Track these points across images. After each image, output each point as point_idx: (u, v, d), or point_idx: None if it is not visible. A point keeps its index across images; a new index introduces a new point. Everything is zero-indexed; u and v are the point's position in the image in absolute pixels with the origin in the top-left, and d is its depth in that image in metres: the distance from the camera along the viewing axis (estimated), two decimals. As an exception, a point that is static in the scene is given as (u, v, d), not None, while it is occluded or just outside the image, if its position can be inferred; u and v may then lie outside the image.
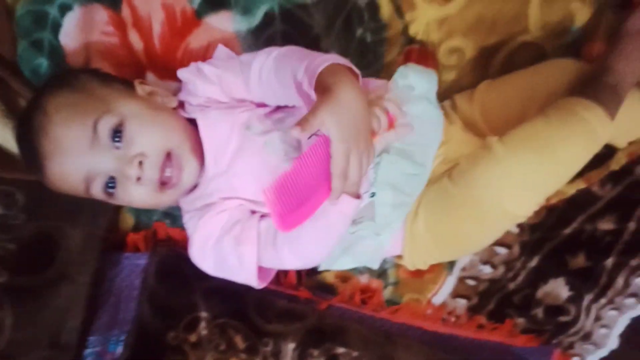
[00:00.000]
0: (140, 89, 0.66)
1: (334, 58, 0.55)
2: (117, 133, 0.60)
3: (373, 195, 0.65)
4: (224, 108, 0.67)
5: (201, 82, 0.67)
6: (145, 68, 0.74)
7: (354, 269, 0.85)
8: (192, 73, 0.68)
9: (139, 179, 0.60)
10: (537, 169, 0.59)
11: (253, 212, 0.65)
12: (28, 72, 0.72)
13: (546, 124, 0.60)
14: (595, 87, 0.62)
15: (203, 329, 0.75)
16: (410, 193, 0.66)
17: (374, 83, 0.70)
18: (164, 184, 0.62)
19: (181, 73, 0.69)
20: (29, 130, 0.62)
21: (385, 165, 0.63)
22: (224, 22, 0.72)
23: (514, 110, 0.70)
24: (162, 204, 0.67)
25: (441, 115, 0.69)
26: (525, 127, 0.61)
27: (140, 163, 0.60)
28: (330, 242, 0.61)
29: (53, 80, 0.66)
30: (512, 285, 0.87)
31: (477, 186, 0.60)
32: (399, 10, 0.73)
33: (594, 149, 0.62)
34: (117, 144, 0.60)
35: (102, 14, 0.72)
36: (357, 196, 0.55)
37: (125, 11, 0.72)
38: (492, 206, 0.61)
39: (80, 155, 0.60)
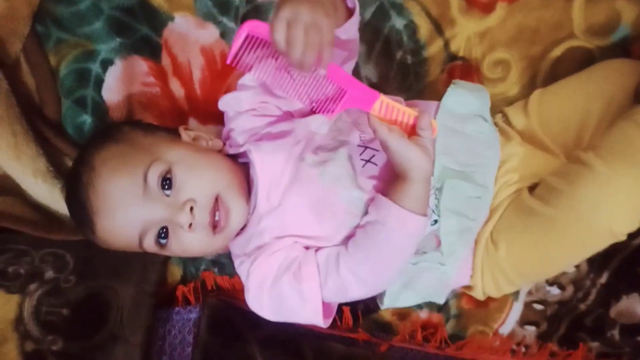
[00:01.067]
0: (185, 134, 0.66)
1: None
2: (165, 181, 0.60)
3: (435, 223, 0.63)
4: (275, 138, 0.65)
5: (244, 95, 0.66)
6: (188, 115, 0.74)
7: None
8: (231, 95, 0.67)
9: (190, 225, 0.59)
10: None
11: (307, 248, 0.63)
12: (72, 130, 0.73)
13: None
14: None
15: (264, 382, 0.71)
16: (475, 218, 0.64)
17: (423, 105, 0.69)
18: (214, 227, 0.61)
19: (222, 99, 0.68)
20: (76, 188, 0.62)
21: (447, 191, 0.62)
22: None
23: (574, 117, 0.68)
24: (214, 250, 0.66)
25: (496, 132, 0.67)
26: (619, 139, 0.59)
27: (192, 209, 0.59)
28: (395, 266, 0.59)
29: (97, 135, 0.67)
30: (582, 306, 0.82)
31: (582, 207, 0.58)
32: (438, 28, 0.73)
33: None
34: (167, 192, 0.60)
35: (142, 65, 0.73)
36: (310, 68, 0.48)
37: (165, 60, 0.73)
38: (599, 226, 0.58)
39: (131, 208, 0.60)
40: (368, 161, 0.62)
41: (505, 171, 0.66)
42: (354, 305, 0.80)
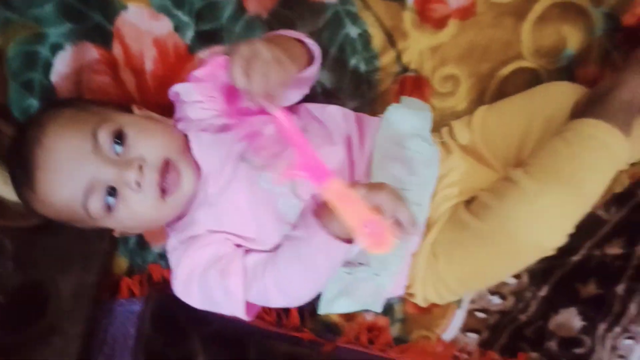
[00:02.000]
0: (138, 110, 0.66)
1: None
2: (116, 140, 0.59)
3: None
4: (217, 131, 0.65)
5: (194, 87, 0.66)
6: (138, 105, 0.72)
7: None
8: (182, 85, 0.68)
9: (138, 184, 0.58)
10: (568, 200, 0.59)
11: (238, 246, 0.64)
12: (18, 113, 0.72)
13: (569, 152, 0.60)
14: (608, 105, 0.62)
15: (202, 378, 0.71)
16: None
17: (368, 120, 0.70)
18: (163, 191, 0.60)
19: (172, 88, 0.68)
20: (21, 143, 0.60)
21: None
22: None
23: (514, 134, 0.70)
24: (162, 217, 0.63)
25: (436, 151, 0.68)
26: (547, 156, 0.61)
27: (140, 167, 0.58)
28: (317, 284, 0.60)
29: (48, 102, 0.65)
30: (523, 317, 0.85)
31: (509, 223, 0.59)
32: (391, 40, 0.74)
33: (615, 171, 0.62)
34: (118, 150, 0.59)
35: (93, 52, 0.72)
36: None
37: (117, 49, 0.72)
38: (526, 241, 0.59)
39: (78, 163, 0.58)
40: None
41: (445, 185, 0.68)
42: (301, 305, 0.81)
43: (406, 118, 0.66)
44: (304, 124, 0.66)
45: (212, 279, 0.61)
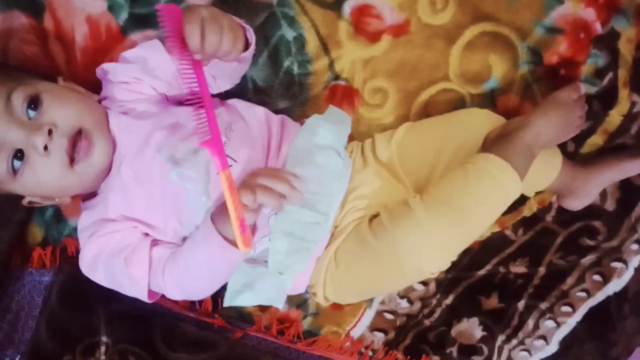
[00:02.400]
0: (62, 82, 0.65)
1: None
2: (31, 104, 0.58)
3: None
4: (138, 117, 0.65)
5: (122, 67, 0.66)
6: (66, 80, 0.71)
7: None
8: (110, 64, 0.67)
9: (46, 148, 0.57)
10: (454, 231, 0.61)
11: (146, 234, 0.65)
12: None
13: (464, 185, 0.62)
14: (513, 145, 0.64)
15: (102, 355, 0.72)
16: (311, 240, 0.67)
17: (290, 126, 0.72)
18: (72, 160, 0.59)
19: (100, 67, 0.68)
20: None
21: (280, 215, 0.64)
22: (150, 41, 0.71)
23: (428, 155, 0.72)
24: (70, 186, 0.63)
25: (348, 165, 0.70)
26: (445, 186, 0.63)
27: (50, 132, 0.57)
28: (215, 284, 0.63)
29: None
30: (427, 322, 0.88)
31: (397, 246, 0.61)
32: (325, 47, 0.75)
33: (504, 209, 0.65)
34: (31, 114, 0.58)
35: (22, 21, 0.70)
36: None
37: (48, 21, 0.71)
38: (410, 265, 0.62)
39: None
40: None
41: (355, 197, 0.69)
42: (216, 292, 0.83)
43: (324, 130, 0.67)
44: (231, 121, 0.67)
45: (117, 265, 0.62)
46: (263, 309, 0.85)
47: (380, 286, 0.71)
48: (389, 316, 0.88)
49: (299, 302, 0.86)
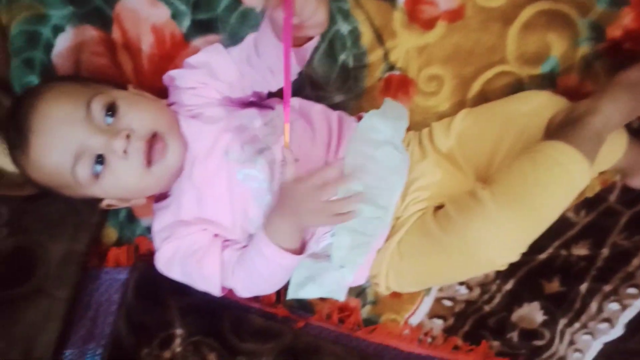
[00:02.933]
0: (132, 89, 0.68)
1: None
2: (109, 110, 0.61)
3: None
4: (206, 121, 0.67)
5: (188, 73, 0.68)
6: (135, 87, 0.74)
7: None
8: (176, 71, 0.70)
9: (125, 152, 0.60)
10: (527, 225, 0.60)
11: (216, 235, 0.67)
12: (19, 89, 0.74)
13: (534, 177, 0.60)
14: (581, 131, 0.62)
15: (177, 347, 0.75)
16: (372, 234, 0.67)
17: (348, 123, 0.72)
18: (149, 162, 0.62)
19: (166, 74, 0.70)
20: (17, 108, 0.62)
21: None
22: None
23: (488, 141, 0.70)
24: (147, 187, 0.65)
25: (406, 159, 0.70)
26: (514, 177, 0.61)
27: (128, 136, 0.60)
28: (277, 284, 0.66)
29: (50, 77, 0.68)
30: (487, 308, 0.88)
31: (467, 239, 0.60)
32: (379, 38, 0.75)
33: (574, 197, 0.63)
34: (109, 121, 0.61)
35: (92, 34, 0.73)
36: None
37: (116, 33, 0.74)
38: (480, 257, 0.61)
39: (70, 128, 0.60)
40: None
41: (416, 188, 0.69)
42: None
43: (381, 126, 0.67)
44: (293, 119, 0.67)
45: (191, 266, 0.65)
46: (323, 298, 0.85)
47: (446, 277, 0.71)
48: (448, 303, 0.88)
49: (357, 291, 0.87)
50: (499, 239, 0.59)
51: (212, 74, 0.68)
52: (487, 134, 0.71)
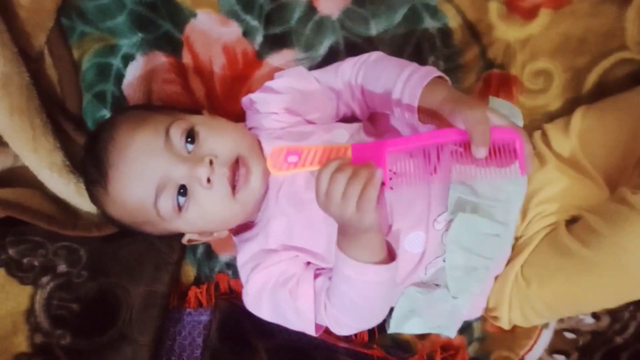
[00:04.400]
0: (206, 113, 0.67)
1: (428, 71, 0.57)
2: (188, 137, 0.60)
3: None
4: (295, 140, 0.64)
5: (271, 97, 0.66)
6: (208, 110, 0.74)
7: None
8: (259, 94, 0.68)
9: (209, 180, 0.58)
10: None
11: (308, 263, 0.63)
12: (92, 124, 0.75)
13: None
14: None
15: (268, 391, 0.70)
16: (490, 256, 0.62)
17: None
18: (233, 187, 0.60)
19: (248, 97, 0.68)
20: (95, 143, 0.62)
21: (456, 225, 0.60)
22: (286, 61, 0.72)
23: (617, 141, 0.64)
24: (233, 216, 0.63)
25: None
26: None
27: (211, 162, 0.58)
28: (373, 308, 0.60)
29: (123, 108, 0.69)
30: (619, 339, 0.78)
31: (623, 254, 0.55)
32: (474, 34, 0.71)
33: None
34: (189, 148, 0.59)
35: (163, 61, 0.74)
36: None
37: (186, 57, 0.74)
38: None
39: (150, 159, 0.58)
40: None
41: (540, 201, 0.63)
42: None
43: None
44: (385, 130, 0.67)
45: (283, 298, 0.61)
46: (422, 336, 0.80)
47: (592, 303, 0.64)
48: (570, 335, 0.78)
49: (462, 326, 0.78)
50: None
51: (296, 100, 0.66)
52: (615, 133, 0.64)
